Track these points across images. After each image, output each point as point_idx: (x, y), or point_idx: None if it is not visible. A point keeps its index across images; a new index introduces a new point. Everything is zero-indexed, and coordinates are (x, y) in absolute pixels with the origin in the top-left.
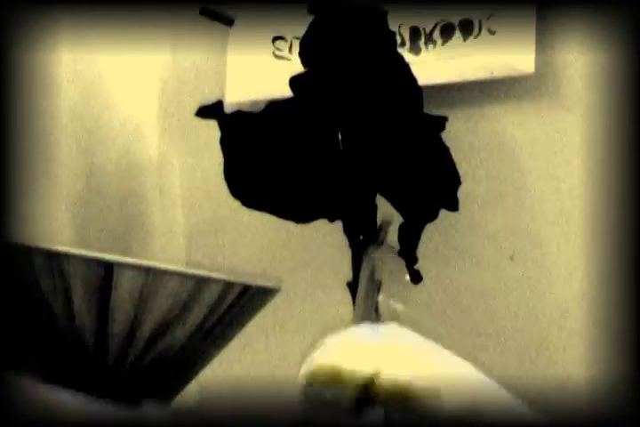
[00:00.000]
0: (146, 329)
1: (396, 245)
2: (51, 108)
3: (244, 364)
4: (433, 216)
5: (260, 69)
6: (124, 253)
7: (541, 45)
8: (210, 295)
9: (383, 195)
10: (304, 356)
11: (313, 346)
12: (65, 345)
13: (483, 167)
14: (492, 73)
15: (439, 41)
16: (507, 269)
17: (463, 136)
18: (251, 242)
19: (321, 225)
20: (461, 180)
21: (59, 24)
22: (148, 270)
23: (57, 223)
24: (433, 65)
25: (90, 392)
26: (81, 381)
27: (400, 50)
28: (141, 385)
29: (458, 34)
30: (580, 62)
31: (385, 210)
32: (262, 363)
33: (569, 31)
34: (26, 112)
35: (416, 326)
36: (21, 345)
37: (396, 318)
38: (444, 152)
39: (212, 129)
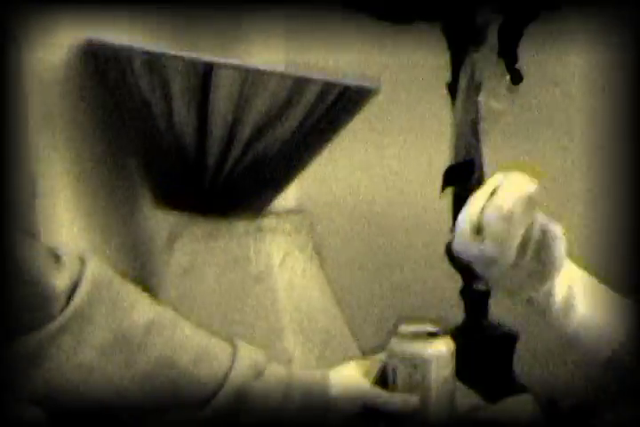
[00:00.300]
0: (245, 129)
1: (497, 46)
2: None
3: (342, 166)
4: (534, 15)
5: None
6: (224, 53)
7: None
8: (309, 96)
9: None
10: (402, 158)
11: (411, 148)
12: (165, 146)
13: None
14: None
15: None
16: None
17: None
18: (350, 44)
19: (421, 29)
20: None
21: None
22: (247, 70)
23: (155, 26)
24: None
25: (191, 194)
26: (182, 182)
27: None
28: (242, 185)
29: None
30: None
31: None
32: (359, 166)
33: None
34: None
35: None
36: (124, 148)
37: (496, 118)
38: None
39: None
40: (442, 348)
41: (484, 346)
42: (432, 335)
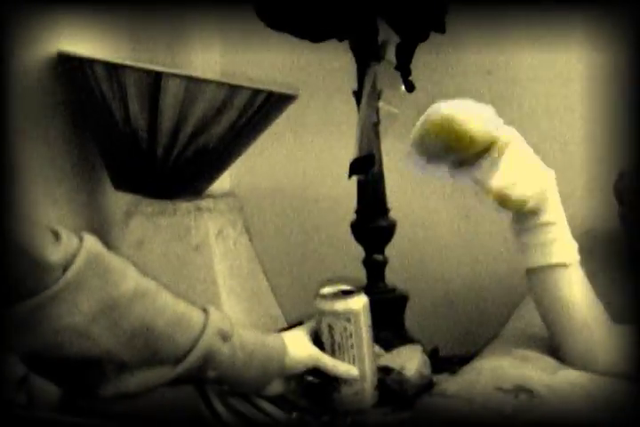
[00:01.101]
0: (189, 127)
1: (394, 61)
2: None
3: (268, 159)
4: (425, 37)
5: None
6: (170, 65)
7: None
8: (240, 100)
9: (383, 18)
10: (316, 151)
11: (325, 143)
12: (123, 139)
13: None
14: None
15: None
16: (484, 82)
17: None
18: (275, 57)
19: (333, 46)
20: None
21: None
22: (189, 79)
23: (115, 41)
24: None
25: (144, 178)
26: (136, 169)
27: None
28: (185, 172)
29: None
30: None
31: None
32: (282, 159)
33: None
34: None
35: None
36: (89, 140)
37: (392, 119)
38: None
39: None
40: (363, 301)
41: (381, 305)
42: (350, 293)
